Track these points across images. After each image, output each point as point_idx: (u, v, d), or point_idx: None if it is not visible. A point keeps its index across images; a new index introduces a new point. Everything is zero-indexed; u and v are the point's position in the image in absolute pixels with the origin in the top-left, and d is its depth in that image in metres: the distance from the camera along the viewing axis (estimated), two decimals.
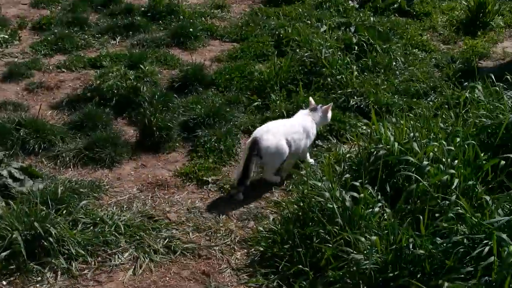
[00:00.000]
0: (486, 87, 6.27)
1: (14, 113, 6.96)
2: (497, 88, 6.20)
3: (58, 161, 6.26)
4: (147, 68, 7.65)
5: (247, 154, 5.63)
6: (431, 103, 7.26)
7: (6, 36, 8.82)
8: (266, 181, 5.95)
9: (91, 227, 5.19)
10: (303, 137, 5.97)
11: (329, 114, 6.33)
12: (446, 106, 6.65)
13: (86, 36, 9.03)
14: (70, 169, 6.17)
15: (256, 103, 7.25)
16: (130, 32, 9.19)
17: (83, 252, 4.91)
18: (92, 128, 6.70)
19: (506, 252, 3.84)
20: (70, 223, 5.14)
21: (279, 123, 5.99)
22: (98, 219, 5.27)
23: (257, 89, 7.51)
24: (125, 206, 5.60)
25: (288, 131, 5.84)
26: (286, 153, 5.76)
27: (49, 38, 8.81)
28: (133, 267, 4.88)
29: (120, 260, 4.94)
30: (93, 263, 4.90)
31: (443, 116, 6.13)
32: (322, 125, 6.42)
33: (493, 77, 6.38)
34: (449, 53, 8.75)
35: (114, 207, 5.56)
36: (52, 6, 10.10)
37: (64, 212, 5.22)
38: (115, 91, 7.22)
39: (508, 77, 6.33)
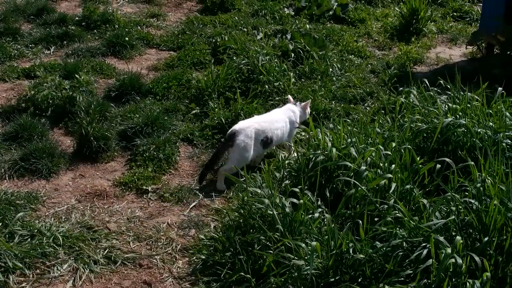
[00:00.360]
0: (421, 92, 6.39)
1: None
2: (431, 93, 6.32)
3: None
4: (82, 77, 7.54)
5: (223, 142, 5.99)
6: (368, 108, 7.37)
7: None
8: (216, 183, 6.01)
9: (29, 239, 5.08)
10: (287, 130, 6.30)
11: (308, 110, 6.59)
12: (383, 111, 6.75)
13: (19, 46, 8.85)
14: (5, 180, 6.04)
15: (194, 111, 7.23)
16: (65, 42, 9.06)
17: (20, 265, 4.81)
18: (27, 139, 6.57)
19: (443, 254, 3.91)
20: (7, 235, 5.04)
21: (262, 119, 6.22)
22: (36, 230, 5.17)
23: (195, 97, 7.49)
24: (63, 217, 5.51)
25: (270, 128, 6.12)
26: (249, 157, 5.97)
27: None
28: (73, 278, 4.80)
29: (59, 272, 4.85)
30: (31, 275, 4.79)
31: (380, 121, 6.21)
32: (301, 121, 6.52)
33: (427, 82, 6.50)
34: (385, 59, 8.90)
35: (52, 218, 5.46)
36: None
37: (0, 224, 5.12)
38: (50, 101, 7.11)
39: (441, 81, 6.46)
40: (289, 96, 6.72)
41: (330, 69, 8.18)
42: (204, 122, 7.01)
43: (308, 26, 9.48)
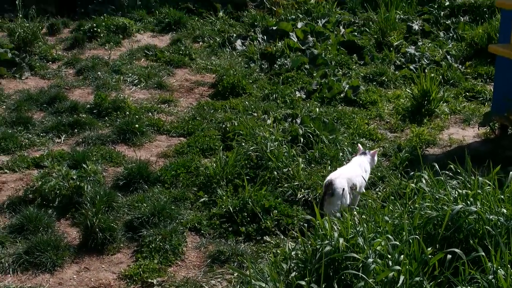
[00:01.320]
0: (431, 176, 6.26)
1: None
2: (441, 178, 6.17)
3: None
4: (90, 167, 7.50)
5: (323, 193, 6.50)
6: (379, 193, 7.25)
7: None
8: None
9: None
10: (365, 178, 6.95)
11: (376, 158, 7.29)
12: (393, 197, 6.60)
13: (30, 136, 8.83)
14: (9, 275, 5.95)
15: (202, 199, 7.15)
16: (76, 130, 9.03)
17: None
18: (33, 232, 6.49)
19: None
20: None
21: (347, 169, 6.90)
22: None
23: (204, 185, 7.43)
24: None
25: (354, 176, 6.78)
26: (348, 199, 6.57)
27: None
28: None
29: None
30: None
31: (390, 207, 6.06)
32: (371, 168, 7.22)
33: (437, 166, 6.37)
34: (396, 142, 8.78)
35: None
36: None
37: None
38: (57, 192, 7.07)
39: (451, 166, 6.31)
40: (359, 145, 7.54)
41: (341, 154, 8.07)
42: (212, 211, 6.91)
43: (318, 110, 9.41)
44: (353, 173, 6.82)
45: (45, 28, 13.41)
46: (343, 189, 6.49)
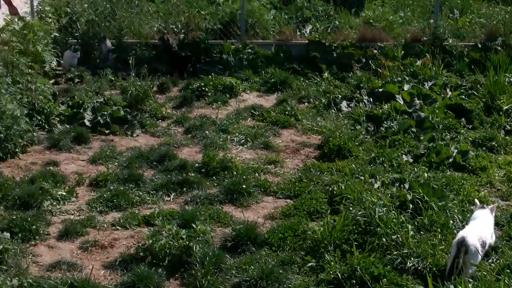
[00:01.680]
0: None
1: (68, 273, 6.97)
2: None
3: None
4: (199, 227, 7.62)
5: (456, 251, 6.53)
6: (492, 265, 7.04)
7: (64, 193, 8.91)
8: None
9: None
10: (492, 232, 7.20)
11: (494, 214, 7.43)
12: (508, 270, 6.40)
13: (141, 193, 9.06)
14: None
15: (310, 264, 7.13)
16: (184, 189, 9.19)
17: None
18: None
19: None
20: None
21: (476, 226, 7.03)
22: None
23: (311, 249, 7.42)
24: None
25: (482, 233, 6.91)
26: (480, 256, 6.71)
27: (105, 195, 8.87)
28: None
29: None
30: None
31: (506, 281, 5.88)
32: None
33: None
34: (509, 210, 8.52)
35: None
36: (109, 162, 10.17)
37: None
38: (167, 251, 7.21)
39: None
40: (476, 200, 7.82)
41: (451, 221, 7.89)
42: (320, 276, 6.88)
43: (426, 175, 9.26)
44: (482, 229, 6.96)
45: (155, 86, 13.78)
46: (476, 246, 6.60)
